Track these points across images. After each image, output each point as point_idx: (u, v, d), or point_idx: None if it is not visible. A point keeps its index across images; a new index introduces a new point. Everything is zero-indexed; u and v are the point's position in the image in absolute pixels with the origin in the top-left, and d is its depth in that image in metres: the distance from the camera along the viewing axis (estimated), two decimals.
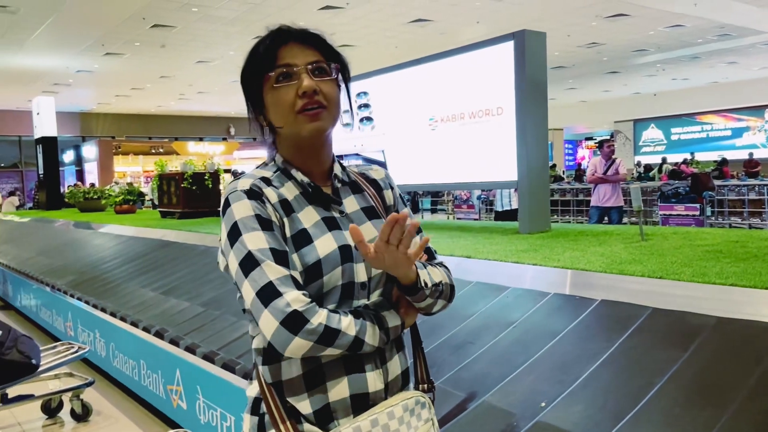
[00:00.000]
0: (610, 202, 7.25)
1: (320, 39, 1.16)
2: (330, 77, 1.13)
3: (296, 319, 0.98)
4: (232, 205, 1.07)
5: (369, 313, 1.10)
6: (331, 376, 1.08)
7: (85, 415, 3.67)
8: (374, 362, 1.12)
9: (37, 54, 13.82)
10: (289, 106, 1.10)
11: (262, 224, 1.06)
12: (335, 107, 1.14)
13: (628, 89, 22.68)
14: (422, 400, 1.14)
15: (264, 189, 1.10)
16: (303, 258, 1.08)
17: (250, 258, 1.02)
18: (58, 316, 5.36)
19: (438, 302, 1.18)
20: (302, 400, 1.08)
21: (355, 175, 1.27)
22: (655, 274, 2.62)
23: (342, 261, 1.10)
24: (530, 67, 4.27)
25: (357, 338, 1.04)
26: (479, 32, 12.55)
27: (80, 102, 21.23)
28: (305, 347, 0.99)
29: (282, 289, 1.00)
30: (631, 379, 2.02)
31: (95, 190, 13.27)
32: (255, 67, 1.13)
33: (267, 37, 1.14)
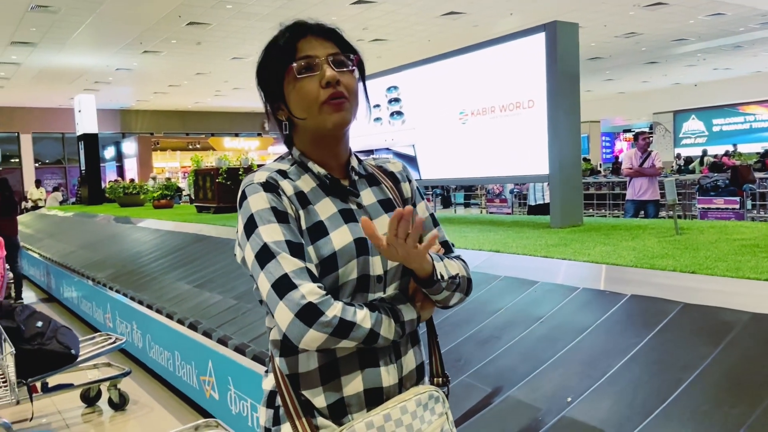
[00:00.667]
0: (646, 196, 7.10)
1: (336, 33, 1.16)
2: (349, 69, 1.14)
3: (311, 311, 0.99)
4: (248, 197, 1.08)
5: (385, 307, 1.10)
6: (345, 370, 1.09)
7: (122, 404, 3.78)
8: (389, 357, 1.12)
9: (78, 53, 14.18)
10: (313, 98, 1.10)
11: (278, 216, 1.06)
12: (355, 98, 1.15)
13: (668, 80, 22.14)
14: (436, 394, 1.14)
15: (280, 181, 1.11)
16: (318, 250, 1.08)
17: (266, 250, 1.03)
18: (97, 308, 5.51)
19: (455, 295, 1.18)
20: (317, 393, 1.09)
21: (372, 167, 1.27)
22: (688, 268, 2.57)
23: (357, 254, 1.11)
24: (562, 59, 4.22)
25: (372, 331, 1.04)
26: (513, 24, 12.40)
27: (120, 99, 21.73)
28: (320, 339, 1.00)
29: (297, 282, 1.01)
30: (660, 375, 1.99)
31: (134, 185, 13.57)
32: (275, 60, 1.13)
33: (285, 31, 1.14)
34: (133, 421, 3.66)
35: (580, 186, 4.54)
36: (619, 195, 11.40)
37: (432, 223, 1.27)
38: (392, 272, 1.15)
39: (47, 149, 24.30)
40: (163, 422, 3.57)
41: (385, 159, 1.32)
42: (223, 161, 8.77)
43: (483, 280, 3.04)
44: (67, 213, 12.24)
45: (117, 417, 3.71)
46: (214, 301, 4.08)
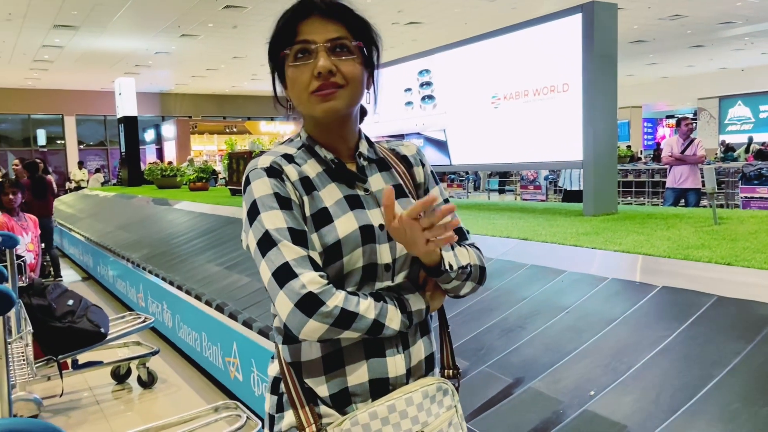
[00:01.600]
0: (687, 184, 6.88)
1: (347, 10, 1.09)
2: (351, 56, 1.08)
3: (311, 300, 0.96)
4: (252, 182, 1.06)
5: (391, 296, 1.06)
6: (350, 359, 1.06)
7: (151, 382, 3.85)
8: (396, 347, 1.09)
9: (118, 36, 14.41)
10: (303, 87, 1.06)
11: (281, 203, 1.03)
12: (356, 86, 1.08)
13: (714, 64, 21.38)
14: (444, 386, 1.11)
15: (284, 166, 1.08)
16: (322, 238, 1.05)
17: (268, 237, 1.01)
18: (131, 287, 5.63)
19: (466, 284, 1.13)
20: (320, 382, 1.07)
21: (384, 151, 1.22)
22: (724, 260, 2.46)
23: (363, 242, 1.07)
24: (599, 41, 4.08)
25: (376, 322, 1.01)
26: (554, 6, 12.11)
27: (160, 83, 22.07)
28: (320, 330, 0.97)
29: (298, 270, 0.98)
30: (689, 370, 1.91)
31: (171, 167, 13.78)
32: (274, 42, 1.10)
33: (289, 9, 1.10)
34: (161, 400, 3.72)
35: (614, 173, 4.41)
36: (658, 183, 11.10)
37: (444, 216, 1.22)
38: (401, 260, 1.11)
39: (90, 131, 24.89)
40: (189, 401, 3.62)
41: (398, 142, 1.27)
42: (257, 145, 8.83)
43: (509, 268, 2.98)
44: (107, 194, 12.52)
45: (145, 395, 3.78)
46: (242, 284, 4.11)
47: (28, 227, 4.70)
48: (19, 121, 23.42)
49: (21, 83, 21.24)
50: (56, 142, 24.08)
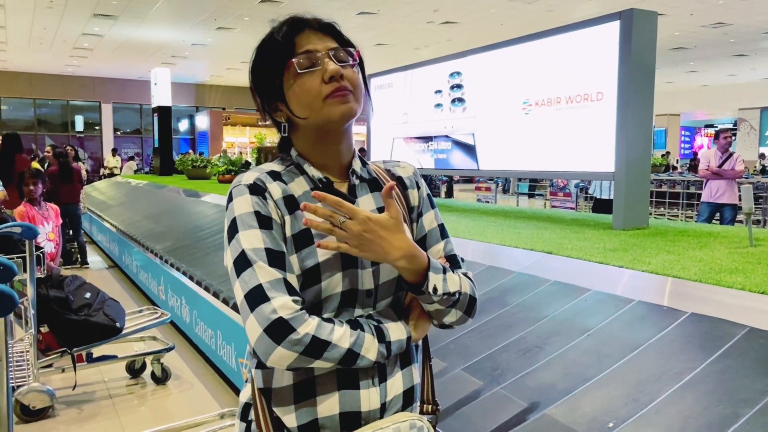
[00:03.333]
0: (723, 199, 6.66)
1: (334, 28, 1.10)
2: (350, 64, 1.07)
3: (281, 327, 0.92)
4: (234, 199, 1.03)
5: (370, 324, 1.01)
6: (322, 389, 1.01)
7: (164, 378, 3.85)
8: (371, 378, 1.03)
9: (156, 27, 14.59)
10: (315, 93, 1.03)
11: (261, 222, 1.00)
12: (360, 92, 1.08)
13: (757, 74, 20.78)
14: (419, 423, 1.04)
15: (269, 184, 1.04)
16: (302, 260, 1.01)
17: (244, 257, 0.97)
18: (153, 279, 5.65)
19: (451, 311, 1.07)
20: (289, 412, 1.02)
21: (378, 171, 1.17)
22: (759, 288, 2.33)
23: (343, 266, 1.02)
24: (637, 50, 3.94)
25: (351, 351, 0.96)
26: (592, 10, 11.87)
27: (195, 74, 22.30)
28: (289, 358, 0.92)
29: (271, 294, 0.94)
30: (715, 407, 1.80)
31: (202, 159, 13.91)
32: (272, 57, 1.06)
33: (280, 26, 1.08)
34: (174, 396, 3.71)
35: (647, 187, 4.26)
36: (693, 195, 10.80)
37: (439, 235, 1.17)
38: (384, 287, 1.06)
39: (126, 119, 25.31)
40: (201, 400, 3.61)
41: (395, 163, 1.22)
42: None
43: (531, 283, 2.88)
44: (139, 182, 12.68)
45: (158, 391, 3.78)
46: None
47: (49, 217, 4.74)
48: (58, 106, 23.93)
49: (61, 69, 21.68)
50: (93, 129, 24.54)
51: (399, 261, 1.00)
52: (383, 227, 0.98)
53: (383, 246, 0.98)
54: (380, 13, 12.60)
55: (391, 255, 0.99)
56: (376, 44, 15.59)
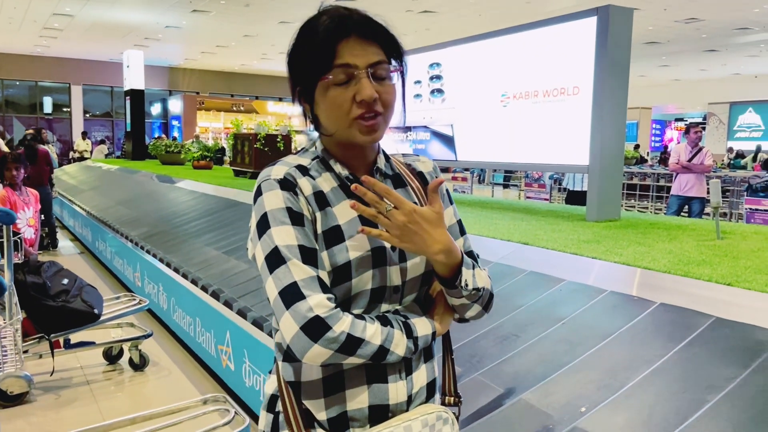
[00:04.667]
0: (692, 192, 6.84)
1: (383, 29, 1.04)
2: (389, 81, 1.04)
3: (318, 325, 0.93)
4: (263, 193, 1.01)
5: (398, 320, 1.03)
6: (351, 383, 1.03)
7: (142, 365, 3.85)
8: (399, 372, 1.06)
9: (129, 8, 14.31)
10: (344, 112, 1.01)
11: (293, 218, 0.99)
12: (390, 113, 1.05)
13: (726, 69, 21.21)
14: (445, 415, 1.07)
15: (299, 179, 1.03)
16: (333, 257, 1.01)
17: (277, 254, 0.97)
18: (128, 266, 5.61)
19: (473, 306, 1.09)
20: (319, 405, 1.04)
21: (400, 167, 1.18)
22: (724, 279, 2.44)
23: (374, 264, 1.04)
24: (613, 46, 4.03)
25: (382, 348, 0.98)
26: (568, 3, 11.98)
27: (169, 56, 21.94)
28: (325, 355, 0.94)
29: (306, 292, 0.95)
30: (683, 393, 1.89)
31: (176, 144, 13.75)
32: (310, 58, 1.02)
33: (325, 23, 1.02)
34: (151, 383, 3.72)
35: (620, 180, 4.37)
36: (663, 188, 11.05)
37: (458, 231, 1.19)
38: (411, 283, 1.08)
39: (96, 101, 24.81)
40: (179, 386, 3.62)
41: (415, 158, 1.23)
42: (262, 127, 8.77)
43: (508, 273, 2.95)
44: (110, 167, 12.50)
45: (136, 377, 3.78)
46: (239, 270, 4.09)
47: (29, 202, 4.69)
48: (26, 87, 23.36)
49: (30, 50, 21.16)
50: (62, 110, 24.01)
51: (438, 255, 1.01)
52: (427, 220, 0.99)
53: (425, 238, 0.99)
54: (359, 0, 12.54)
55: (432, 248, 1.00)
56: None
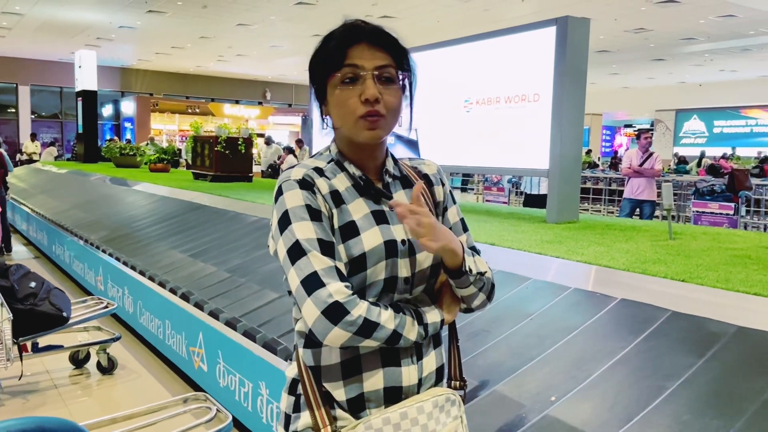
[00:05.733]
0: (643, 195, 7.14)
1: (392, 39, 1.15)
2: (393, 85, 1.14)
3: (337, 309, 1.03)
4: (284, 193, 1.12)
5: (409, 308, 1.13)
6: (367, 367, 1.13)
7: (111, 368, 3.82)
8: (410, 357, 1.15)
9: (82, 7, 13.99)
10: (350, 110, 1.12)
11: (312, 214, 1.10)
12: (394, 116, 1.15)
13: (673, 78, 22.06)
14: (453, 397, 1.17)
15: (316, 180, 1.13)
16: (349, 249, 1.11)
17: (298, 247, 1.07)
18: (89, 269, 5.52)
19: (479, 295, 1.20)
20: (338, 387, 1.13)
21: (407, 169, 1.28)
22: (678, 276, 2.60)
23: (386, 255, 1.13)
24: (571, 55, 4.20)
25: (395, 332, 1.08)
26: (524, 11, 12.30)
27: (121, 57, 21.47)
28: (344, 337, 1.04)
29: (326, 280, 1.05)
30: (644, 381, 2.03)
31: (131, 146, 13.49)
32: (323, 61, 1.14)
33: (340, 31, 1.14)
34: (121, 386, 3.70)
35: (578, 183, 4.56)
36: (615, 191, 11.44)
37: (461, 228, 1.30)
38: (419, 275, 1.18)
39: (45, 102, 24.05)
40: (149, 389, 3.61)
41: (420, 161, 1.33)
42: (223, 129, 8.72)
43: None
44: (62, 170, 12.18)
45: (104, 380, 3.75)
46: (207, 272, 4.10)
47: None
48: None
49: None
50: (8, 111, 23.20)
51: (455, 245, 1.12)
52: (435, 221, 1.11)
53: (446, 234, 1.11)
54: (319, 4, 12.60)
55: (453, 241, 1.12)
56: (313, 35, 15.55)
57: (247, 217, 5.10)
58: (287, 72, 23.45)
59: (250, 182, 8.57)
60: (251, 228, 4.79)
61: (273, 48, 17.84)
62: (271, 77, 25.07)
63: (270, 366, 2.70)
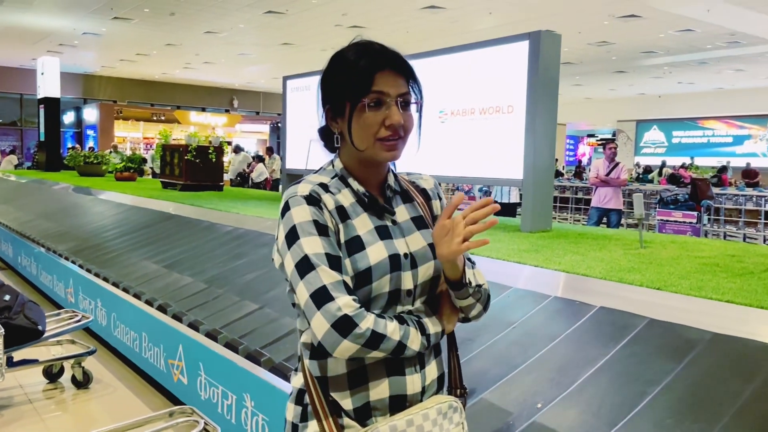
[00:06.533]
0: (610, 204, 7.33)
1: (411, 69, 1.23)
2: (410, 110, 1.21)
3: (346, 323, 1.06)
4: (291, 208, 1.15)
5: (412, 320, 1.17)
6: (373, 376, 1.16)
7: (86, 382, 3.74)
8: (414, 366, 1.19)
9: (45, 13, 13.71)
10: (372, 132, 1.17)
11: (319, 230, 1.13)
12: (408, 137, 1.22)
13: (634, 90, 22.66)
14: (455, 404, 1.21)
15: (322, 195, 1.17)
16: (355, 264, 1.15)
17: (307, 261, 1.10)
18: (59, 281, 5.40)
19: (476, 306, 1.26)
20: (345, 396, 1.17)
21: (406, 183, 1.33)
22: (654, 284, 2.68)
23: (391, 269, 1.17)
24: (543, 68, 4.31)
25: (400, 343, 1.12)
26: (491, 23, 12.52)
27: (84, 63, 21.06)
28: (352, 349, 1.07)
29: (334, 294, 1.08)
30: (626, 386, 2.09)
31: (96, 154, 13.23)
32: (351, 84, 1.17)
33: (366, 54, 1.19)
34: (97, 400, 3.63)
35: (551, 192, 4.66)
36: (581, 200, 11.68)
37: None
38: (421, 287, 1.23)
39: (4, 109, 23.44)
40: (126, 402, 3.55)
41: (417, 175, 1.39)
42: (193, 138, 8.64)
43: None
44: (23, 179, 11.89)
45: (80, 395, 3.67)
46: (184, 284, 4.06)
47: None
48: None
49: None
50: None
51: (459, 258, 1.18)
52: None
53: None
54: (288, 13, 12.59)
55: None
56: (282, 43, 15.54)
57: (222, 227, 5.07)
58: (255, 80, 23.33)
59: (220, 191, 8.50)
60: (227, 238, 4.76)
61: (241, 56, 17.74)
62: (239, 85, 24.89)
63: (254, 377, 2.70)
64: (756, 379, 1.92)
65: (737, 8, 11.09)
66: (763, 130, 22.25)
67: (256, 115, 26.91)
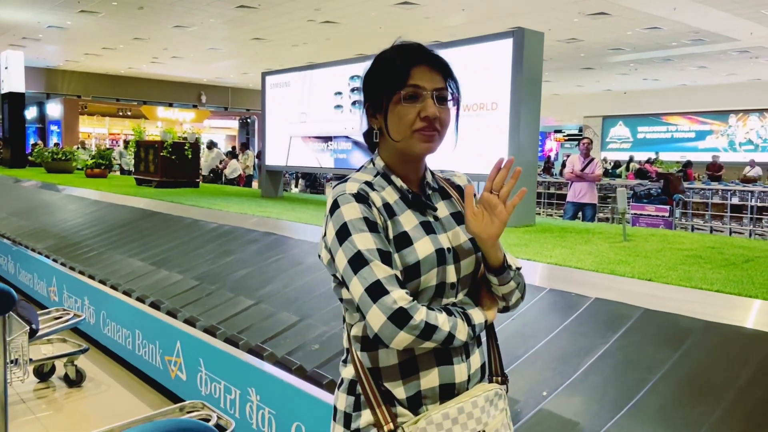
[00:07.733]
0: (585, 199, 7.49)
1: (448, 66, 1.28)
2: (447, 105, 1.26)
3: (402, 315, 1.11)
4: (341, 206, 1.19)
5: (458, 311, 1.22)
6: (423, 366, 1.21)
7: (79, 380, 3.71)
8: (461, 356, 1.25)
9: (8, 5, 13.33)
10: (408, 124, 1.22)
11: (370, 226, 1.17)
12: (445, 131, 1.27)
13: (600, 86, 23.09)
14: (500, 391, 1.27)
15: (370, 193, 1.22)
16: (404, 258, 1.19)
17: (360, 257, 1.15)
18: (39, 280, 5.31)
19: (515, 293, 1.31)
20: (398, 386, 1.21)
21: (442, 181, 1.38)
22: (644, 276, 2.79)
23: (438, 263, 1.22)
24: (527, 66, 4.40)
25: (450, 334, 1.17)
26: (463, 19, 12.63)
27: (47, 57, 20.54)
28: (408, 340, 1.12)
29: (389, 288, 1.12)
30: (627, 374, 2.19)
31: (64, 151, 12.96)
32: (388, 79, 1.23)
33: (403, 52, 1.24)
34: (91, 398, 3.59)
35: (534, 187, 4.77)
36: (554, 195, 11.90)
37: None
38: (464, 280, 1.28)
39: None
40: (121, 400, 3.53)
41: (451, 172, 1.44)
42: (168, 134, 8.54)
43: None
44: None
45: (73, 393, 3.64)
46: (174, 281, 4.05)
47: None
48: None
49: None
50: None
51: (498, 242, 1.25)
52: None
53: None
54: (260, 8, 12.49)
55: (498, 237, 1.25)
56: (253, 38, 15.40)
57: (207, 223, 5.05)
58: (224, 75, 23.05)
59: (197, 188, 8.43)
60: (213, 235, 4.75)
61: (211, 50, 17.53)
62: (207, 80, 24.56)
63: (259, 371, 2.72)
64: (751, 364, 2.03)
65: (702, 6, 11.40)
66: (724, 126, 22.91)
67: (225, 111, 26.61)
